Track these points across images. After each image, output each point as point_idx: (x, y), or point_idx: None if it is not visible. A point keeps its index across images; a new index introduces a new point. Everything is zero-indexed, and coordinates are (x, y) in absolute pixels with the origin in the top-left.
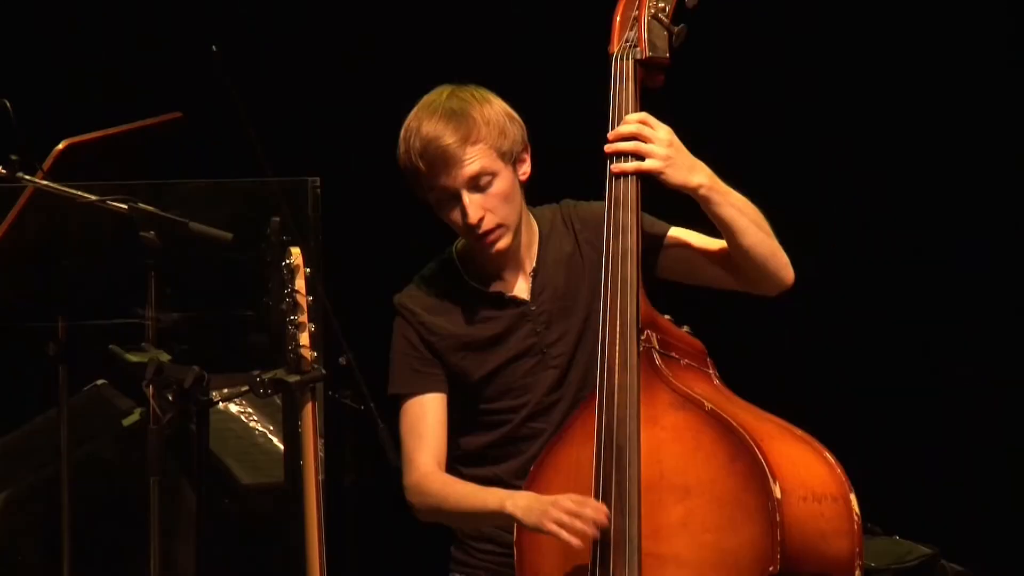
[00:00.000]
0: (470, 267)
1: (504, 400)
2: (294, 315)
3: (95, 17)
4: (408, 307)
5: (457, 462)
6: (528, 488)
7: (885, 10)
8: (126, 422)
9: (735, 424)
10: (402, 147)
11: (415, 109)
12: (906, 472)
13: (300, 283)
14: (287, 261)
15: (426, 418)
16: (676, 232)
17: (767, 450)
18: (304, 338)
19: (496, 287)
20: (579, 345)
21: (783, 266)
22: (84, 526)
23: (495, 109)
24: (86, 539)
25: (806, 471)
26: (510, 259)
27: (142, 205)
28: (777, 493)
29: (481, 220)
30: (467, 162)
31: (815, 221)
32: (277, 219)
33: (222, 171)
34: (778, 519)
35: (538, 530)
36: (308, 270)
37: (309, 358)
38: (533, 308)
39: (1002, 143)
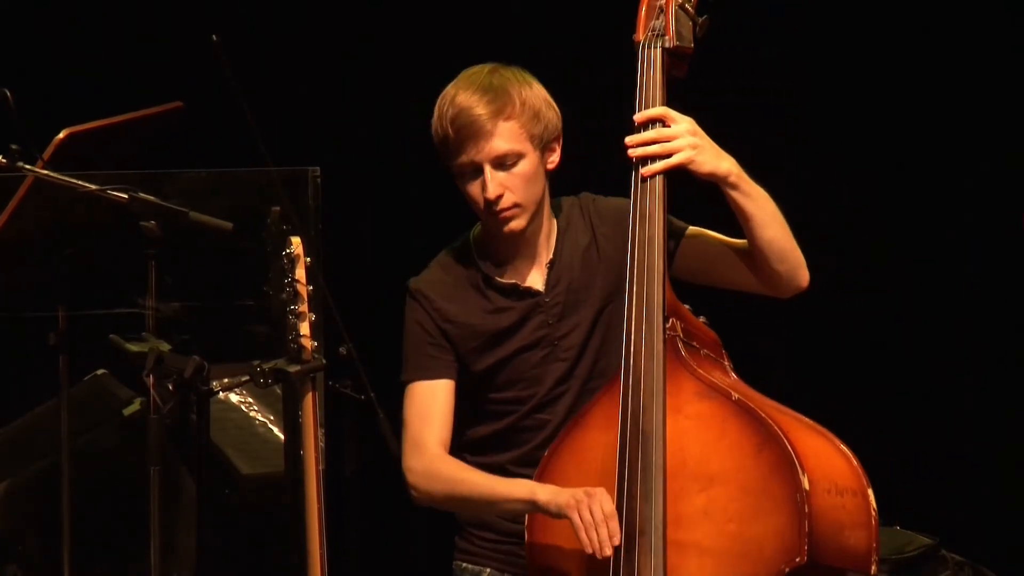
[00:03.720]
0: (486, 255)
1: (512, 391)
2: (294, 305)
3: (95, 6)
4: (424, 293)
5: (461, 449)
6: (542, 470)
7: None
8: (126, 412)
9: (763, 415)
10: (436, 112)
11: (456, 79)
12: (906, 463)
13: (300, 273)
14: (287, 251)
15: (435, 402)
16: (695, 230)
17: (794, 441)
18: (305, 328)
19: (511, 277)
20: (589, 338)
21: (800, 266)
22: (84, 516)
23: (534, 92)
24: (86, 529)
25: (828, 464)
26: (527, 248)
27: (142, 195)
28: (806, 484)
29: (499, 197)
30: (496, 137)
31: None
32: (277, 209)
33: (222, 161)
34: (807, 510)
35: (562, 514)
36: (308, 260)
37: (310, 348)
38: (547, 300)
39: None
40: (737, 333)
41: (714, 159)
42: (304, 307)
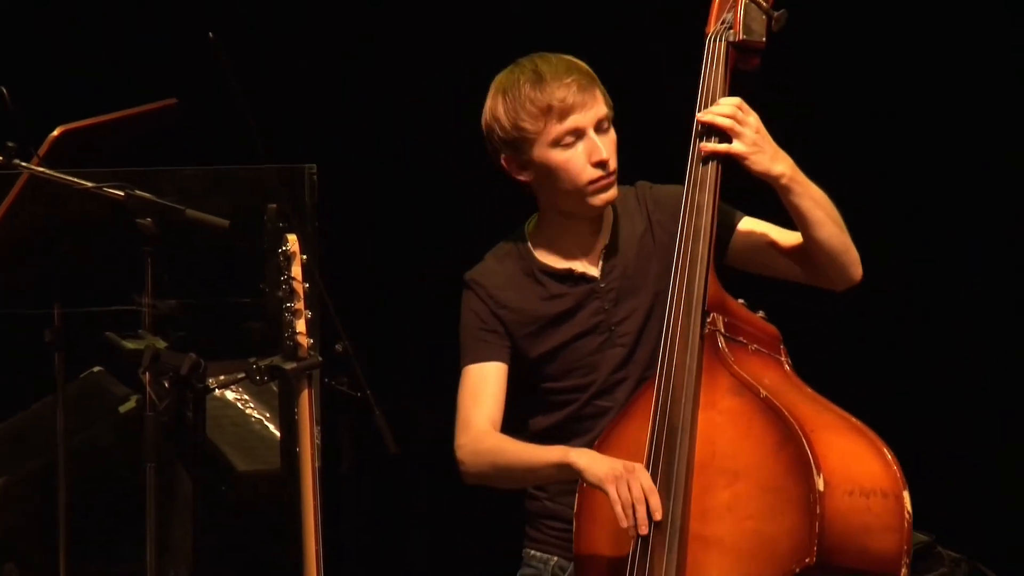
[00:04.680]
0: (541, 245)
1: (570, 379)
2: (291, 302)
3: (91, 2)
4: (479, 282)
5: (527, 441)
6: None
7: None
8: (123, 409)
9: (785, 412)
10: (519, 92)
11: (513, 67)
12: (902, 460)
13: (296, 270)
14: (284, 248)
15: (486, 384)
16: (749, 220)
17: (815, 441)
18: (301, 325)
19: (566, 264)
20: (646, 324)
21: (853, 262)
22: (81, 513)
23: None
24: (83, 526)
25: (857, 465)
26: (582, 236)
27: (138, 192)
28: (820, 485)
29: (608, 160)
30: (599, 101)
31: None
32: (274, 206)
33: (219, 158)
34: (818, 511)
35: (599, 486)
36: (304, 257)
37: (306, 345)
38: (602, 285)
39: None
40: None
41: (769, 160)
42: (300, 304)
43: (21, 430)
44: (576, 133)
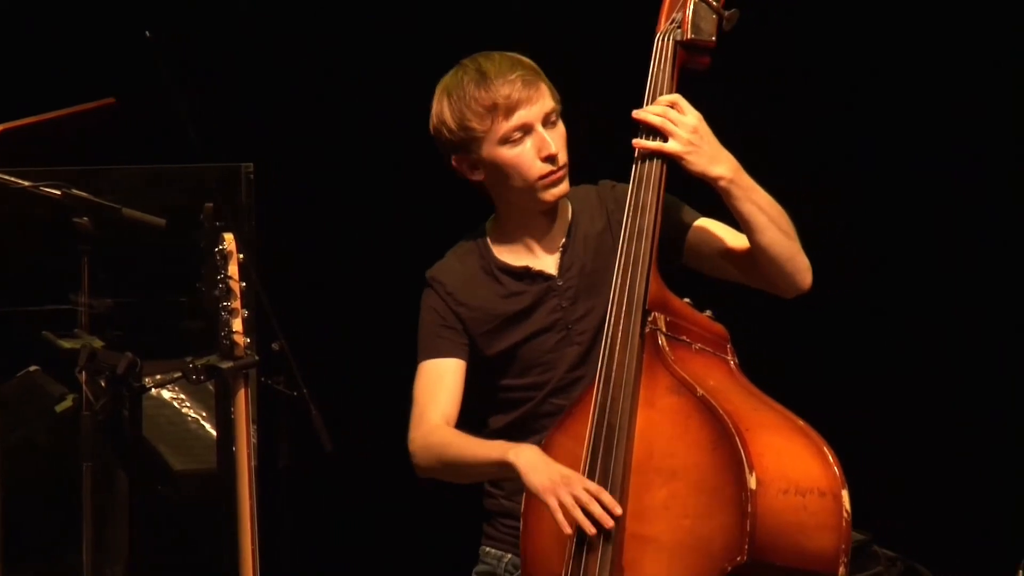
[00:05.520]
0: (500, 243)
1: (528, 376)
2: (227, 301)
3: (27, 1)
4: (438, 279)
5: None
6: None
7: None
8: (59, 408)
9: (720, 411)
10: (463, 92)
11: (457, 70)
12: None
13: (233, 269)
14: (220, 247)
15: (442, 380)
16: (704, 222)
17: (751, 440)
18: (237, 324)
19: (523, 262)
20: (604, 323)
21: (801, 270)
22: (16, 512)
23: None
24: (19, 524)
25: (793, 464)
26: (540, 233)
27: (75, 191)
28: (752, 484)
29: (558, 154)
30: (544, 95)
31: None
32: (210, 205)
33: (156, 157)
34: (749, 509)
35: (537, 494)
36: (241, 256)
37: (242, 344)
38: (560, 283)
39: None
40: None
41: (707, 161)
42: (237, 303)
43: None
44: (524, 129)
